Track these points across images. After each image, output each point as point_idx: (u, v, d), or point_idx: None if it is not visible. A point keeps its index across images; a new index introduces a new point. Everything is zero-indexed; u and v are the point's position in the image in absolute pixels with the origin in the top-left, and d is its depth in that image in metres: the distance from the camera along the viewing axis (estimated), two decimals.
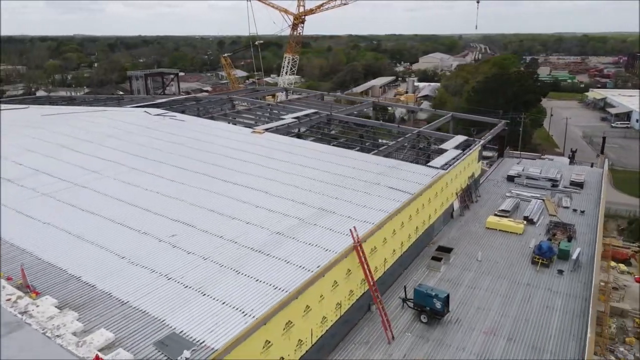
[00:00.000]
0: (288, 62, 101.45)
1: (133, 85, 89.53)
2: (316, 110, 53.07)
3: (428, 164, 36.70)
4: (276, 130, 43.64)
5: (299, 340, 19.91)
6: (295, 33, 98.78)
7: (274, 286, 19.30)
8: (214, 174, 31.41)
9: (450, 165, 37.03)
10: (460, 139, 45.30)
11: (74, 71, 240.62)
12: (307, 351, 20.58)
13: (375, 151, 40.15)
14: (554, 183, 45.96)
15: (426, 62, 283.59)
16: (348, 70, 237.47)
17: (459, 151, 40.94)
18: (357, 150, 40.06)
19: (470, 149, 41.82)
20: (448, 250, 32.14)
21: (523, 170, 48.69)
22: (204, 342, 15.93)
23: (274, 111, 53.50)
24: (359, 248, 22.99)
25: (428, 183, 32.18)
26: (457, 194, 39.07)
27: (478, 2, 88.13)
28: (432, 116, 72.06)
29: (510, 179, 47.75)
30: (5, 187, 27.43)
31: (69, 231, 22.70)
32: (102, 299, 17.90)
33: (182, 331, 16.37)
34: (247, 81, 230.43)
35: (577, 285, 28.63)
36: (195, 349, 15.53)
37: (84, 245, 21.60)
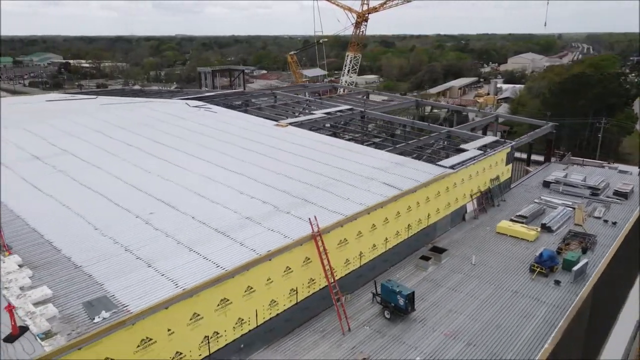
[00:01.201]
0: (350, 61, 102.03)
1: (202, 81, 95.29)
2: (351, 107, 53.47)
3: (437, 163, 35.87)
4: (301, 125, 44.77)
5: (239, 318, 20.93)
6: (358, 31, 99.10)
7: (217, 264, 20.50)
8: (216, 161, 33.28)
9: (462, 165, 35.92)
10: (488, 139, 43.53)
11: (168, 68, 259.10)
12: (250, 330, 21.54)
13: (391, 148, 39.91)
14: (594, 191, 42.55)
15: (515, 62, 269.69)
16: (427, 70, 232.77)
17: (480, 152, 39.45)
18: (369, 145, 40.05)
19: (494, 151, 40.09)
20: (441, 250, 31.34)
21: (565, 176, 45.56)
22: (127, 305, 17.54)
23: (312, 106, 54.60)
24: (317, 238, 23.47)
25: (424, 181, 31.60)
26: (471, 195, 37.69)
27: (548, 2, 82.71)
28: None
29: (547, 184, 44.95)
30: (32, 163, 31.33)
31: (63, 203, 25.56)
32: (61, 262, 20.20)
33: (113, 295, 18.10)
34: (324, 80, 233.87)
35: (571, 297, 26.69)
36: (115, 310, 17.17)
37: (70, 215, 24.27)
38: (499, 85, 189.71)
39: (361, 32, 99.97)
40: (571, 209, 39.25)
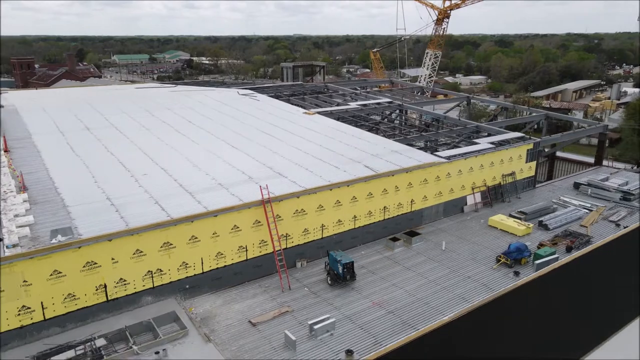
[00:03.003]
0: (429, 58, 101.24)
1: (283, 75, 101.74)
2: (390, 100, 54.94)
3: (435, 153, 36.64)
4: (330, 114, 47.68)
5: (184, 262, 24.89)
6: (439, 28, 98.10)
7: (168, 214, 24.71)
8: (227, 138, 37.74)
9: (461, 157, 36.26)
10: (511, 135, 42.67)
11: (276, 65, 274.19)
12: (195, 275, 25.41)
13: (400, 138, 41.19)
14: (627, 196, 39.66)
15: None
16: (539, 71, 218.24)
17: (490, 146, 39.15)
18: (389, 136, 41.65)
19: (507, 147, 39.43)
20: (414, 234, 32.43)
21: (603, 180, 42.88)
22: (82, 235, 22.41)
23: (356, 98, 56.95)
24: (265, 205, 26.59)
25: (405, 167, 32.91)
26: (473, 189, 37.71)
27: None
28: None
29: (577, 186, 42.70)
30: (81, 132, 38.45)
31: (84, 162, 31.67)
32: (55, 201, 25.84)
33: (77, 227, 23.11)
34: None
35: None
36: (70, 237, 22.11)
37: (82, 170, 30.18)
38: (623, 89, 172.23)
39: (443, 29, 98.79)
40: (587, 211, 37.38)
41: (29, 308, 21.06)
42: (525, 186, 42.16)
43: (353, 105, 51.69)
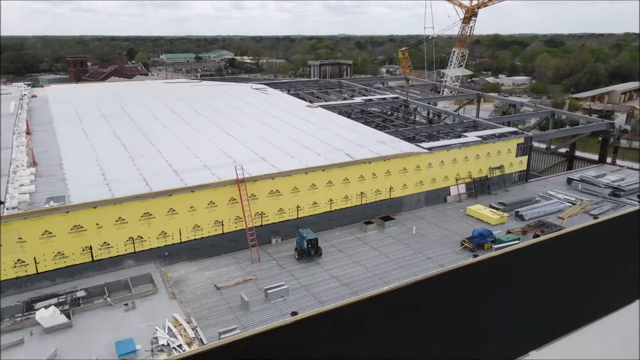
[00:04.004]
0: (456, 57, 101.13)
1: (311, 73, 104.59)
2: (397, 95, 56.51)
3: (418, 144, 38.18)
4: (333, 108, 49.91)
5: (163, 231, 27.93)
6: (467, 27, 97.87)
7: (150, 188, 27.84)
8: (224, 126, 40.77)
9: (443, 148, 37.66)
10: (503, 130, 43.48)
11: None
12: (174, 244, 28.41)
13: (392, 130, 42.88)
14: (616, 192, 39.73)
15: None
16: (586, 72, 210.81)
17: (477, 139, 40.24)
18: (383, 128, 43.46)
19: (493, 140, 40.40)
20: (387, 219, 34.20)
21: (598, 177, 42.97)
22: (72, 202, 25.83)
23: (365, 94, 58.87)
24: (239, 185, 29.25)
25: (382, 155, 34.74)
26: (457, 180, 38.96)
27: None
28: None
29: (570, 182, 42.98)
30: (97, 119, 42.52)
31: (92, 144, 35.45)
32: (57, 175, 29.53)
33: (69, 196, 26.60)
34: (469, 80, 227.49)
35: None
36: (62, 203, 25.57)
37: (88, 151, 33.90)
38: None
39: (470, 28, 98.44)
40: (570, 204, 37.90)
41: (24, 262, 24.64)
42: (516, 180, 42.86)
43: (357, 100, 53.66)
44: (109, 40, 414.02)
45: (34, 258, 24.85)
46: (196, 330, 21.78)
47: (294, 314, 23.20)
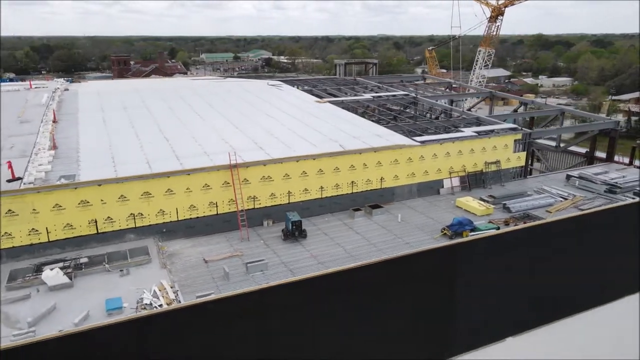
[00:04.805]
0: (482, 57, 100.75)
1: (337, 71, 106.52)
2: (406, 92, 57.92)
3: (412, 137, 39.74)
4: (341, 103, 51.97)
5: (161, 210, 30.84)
6: (493, 26, 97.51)
7: (152, 170, 30.82)
8: (232, 118, 43.55)
9: (436, 142, 39.08)
10: (503, 126, 44.33)
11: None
12: (171, 221, 31.27)
13: (392, 124, 44.52)
14: (612, 189, 39.99)
15: None
16: (631, 72, 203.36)
17: (472, 134, 41.36)
18: (385, 123, 45.22)
19: (488, 136, 41.43)
20: (375, 207, 35.97)
21: (598, 174, 43.23)
22: (80, 180, 29.08)
23: (376, 91, 60.56)
24: (232, 170, 31.82)
25: (374, 146, 36.56)
26: (450, 173, 40.24)
27: None
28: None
29: (569, 178, 43.40)
30: (118, 110, 46.22)
31: (108, 131, 38.96)
32: (72, 157, 33.00)
33: (79, 175, 29.89)
34: (506, 80, 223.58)
35: None
36: (71, 180, 28.85)
37: (103, 137, 37.38)
38: None
39: (497, 27, 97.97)
40: (562, 199, 38.55)
41: (37, 231, 28.03)
42: (514, 176, 43.63)
43: (366, 96, 55.45)
44: (153, 40, 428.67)
45: (46, 228, 28.20)
46: (177, 294, 24.44)
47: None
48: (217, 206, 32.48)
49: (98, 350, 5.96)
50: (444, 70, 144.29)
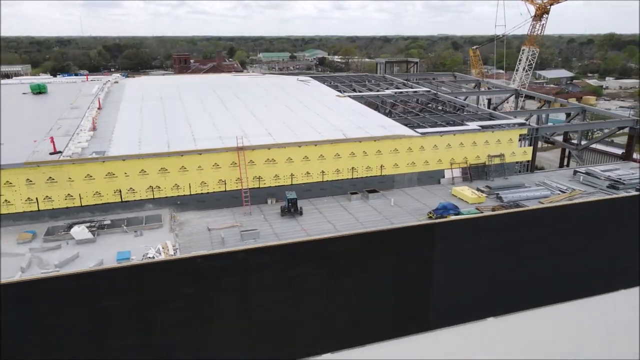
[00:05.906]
0: (526, 57, 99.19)
1: (378, 70, 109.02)
2: (428, 89, 59.85)
3: (415, 129, 42.09)
4: (360, 98, 54.93)
5: (176, 184, 35.34)
6: (538, 24, 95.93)
7: (169, 149, 35.41)
8: (253, 109, 47.68)
9: (437, 134, 41.25)
10: (511, 121, 45.58)
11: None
12: (185, 195, 35.70)
13: (402, 117, 46.94)
14: (615, 185, 40.46)
15: None
16: None
17: (477, 128, 43.05)
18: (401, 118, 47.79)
19: (491, 130, 42.94)
20: (372, 191, 38.71)
21: (606, 170, 43.66)
22: (110, 155, 34.09)
23: (400, 87, 62.89)
24: (239, 152, 35.77)
25: (373, 136, 39.36)
26: (451, 164, 42.19)
27: None
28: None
29: (575, 174, 44.05)
30: (155, 100, 51.64)
31: (143, 117, 44.19)
32: (106, 137, 38.24)
33: (109, 151, 34.92)
34: (568, 82, 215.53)
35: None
36: (101, 155, 33.92)
37: (137, 121, 42.61)
38: None
39: (541, 26, 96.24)
40: (560, 192, 39.57)
41: (72, 196, 33.29)
42: (520, 169, 44.81)
43: (388, 92, 57.97)
44: (216, 40, 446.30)
45: (79, 194, 33.40)
46: (176, 251, 28.67)
47: None
48: (225, 184, 36.58)
49: (108, 288, 8.61)
50: (487, 70, 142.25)
